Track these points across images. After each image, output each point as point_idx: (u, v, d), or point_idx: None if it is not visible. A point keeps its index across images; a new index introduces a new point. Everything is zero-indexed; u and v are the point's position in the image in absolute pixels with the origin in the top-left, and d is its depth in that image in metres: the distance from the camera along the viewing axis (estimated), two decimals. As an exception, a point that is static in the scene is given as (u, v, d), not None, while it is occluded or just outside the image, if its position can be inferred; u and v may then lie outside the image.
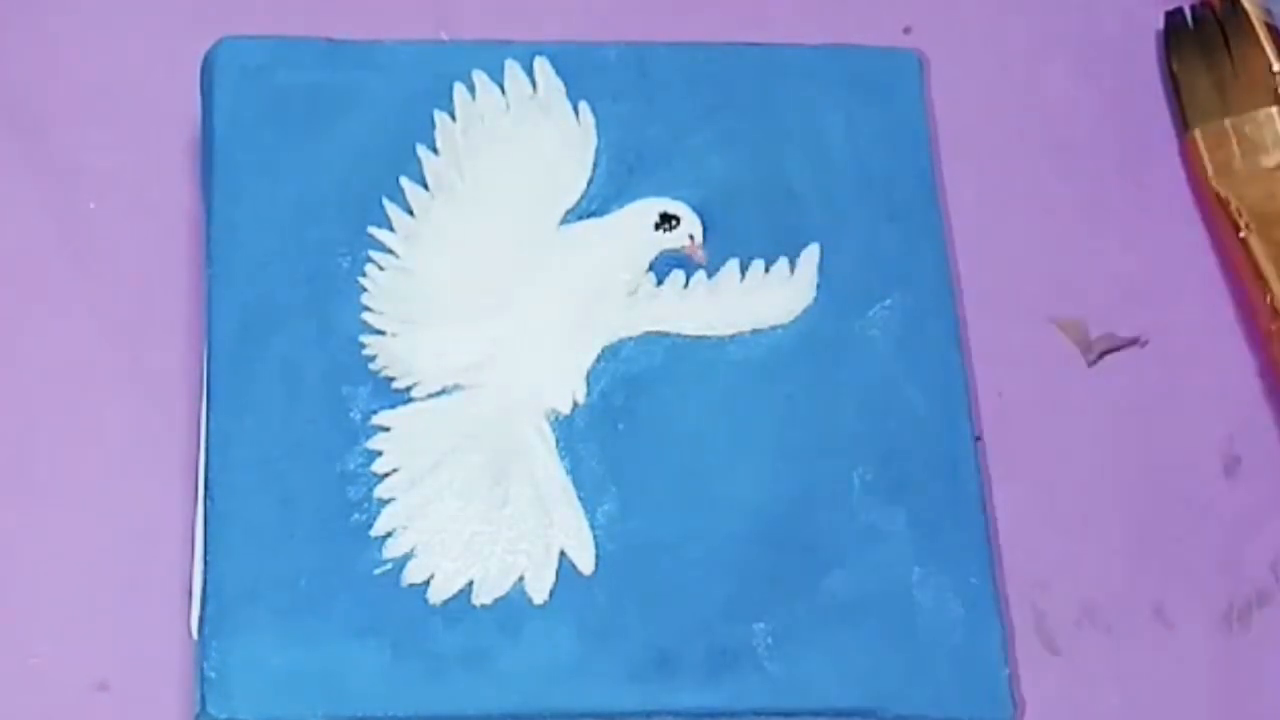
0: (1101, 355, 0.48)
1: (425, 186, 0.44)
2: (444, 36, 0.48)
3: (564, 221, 0.44)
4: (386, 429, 0.42)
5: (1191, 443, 0.47)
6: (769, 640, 0.40)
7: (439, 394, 0.42)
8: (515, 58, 0.46)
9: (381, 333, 0.43)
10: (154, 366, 0.45)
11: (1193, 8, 0.50)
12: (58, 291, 0.46)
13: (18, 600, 0.43)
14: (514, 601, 0.40)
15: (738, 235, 0.44)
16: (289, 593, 0.40)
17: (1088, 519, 0.46)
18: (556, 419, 0.42)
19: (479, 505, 0.41)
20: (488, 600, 0.40)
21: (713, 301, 0.44)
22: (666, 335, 0.43)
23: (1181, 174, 0.50)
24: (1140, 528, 0.46)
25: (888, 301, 0.44)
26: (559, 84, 0.45)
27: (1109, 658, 0.44)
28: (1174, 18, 0.50)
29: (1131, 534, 0.46)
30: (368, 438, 0.42)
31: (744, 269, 0.44)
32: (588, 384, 0.43)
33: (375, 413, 0.42)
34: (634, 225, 0.44)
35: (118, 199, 0.46)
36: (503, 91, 0.45)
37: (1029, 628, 0.44)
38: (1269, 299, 0.47)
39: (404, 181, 0.44)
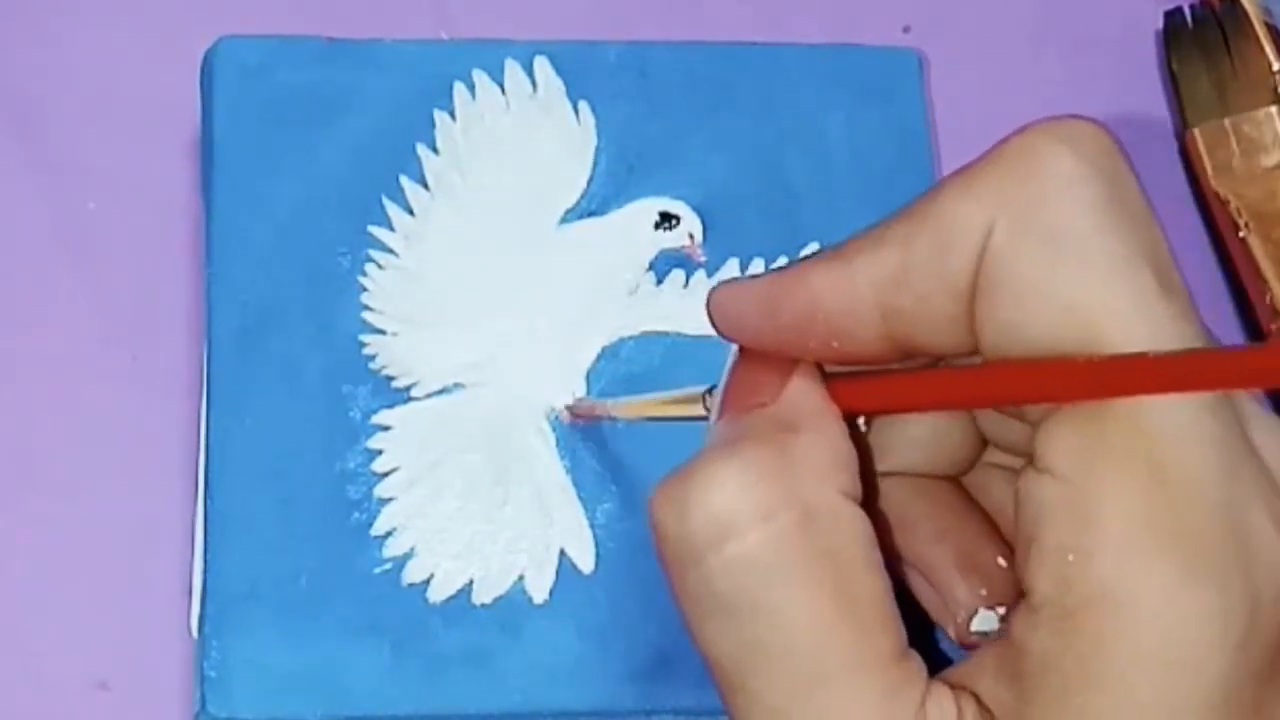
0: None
1: (425, 186, 0.44)
2: (444, 36, 0.49)
3: (564, 221, 0.44)
4: (386, 428, 0.42)
5: (1191, 442, 0.47)
6: (769, 640, 0.40)
7: (439, 393, 0.42)
8: (515, 57, 0.46)
9: (382, 332, 0.43)
10: (154, 366, 0.45)
11: (1193, 8, 0.50)
12: (58, 291, 0.46)
13: (18, 600, 0.43)
14: (514, 601, 0.40)
15: (738, 235, 0.44)
16: (289, 592, 0.40)
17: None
18: (556, 418, 0.42)
19: (479, 504, 0.41)
20: (488, 599, 0.40)
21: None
22: (666, 335, 0.43)
23: (1181, 174, 0.50)
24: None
25: (888, 301, 0.44)
26: (559, 84, 0.45)
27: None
28: (1174, 18, 0.50)
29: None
30: (368, 437, 0.42)
31: (744, 269, 0.44)
32: (588, 383, 0.43)
33: (375, 412, 0.42)
34: (634, 225, 0.44)
35: (118, 199, 0.46)
36: (503, 91, 0.45)
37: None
38: (1269, 298, 0.47)
39: (404, 181, 0.44)
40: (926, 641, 0.34)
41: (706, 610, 0.30)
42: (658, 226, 0.44)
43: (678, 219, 0.44)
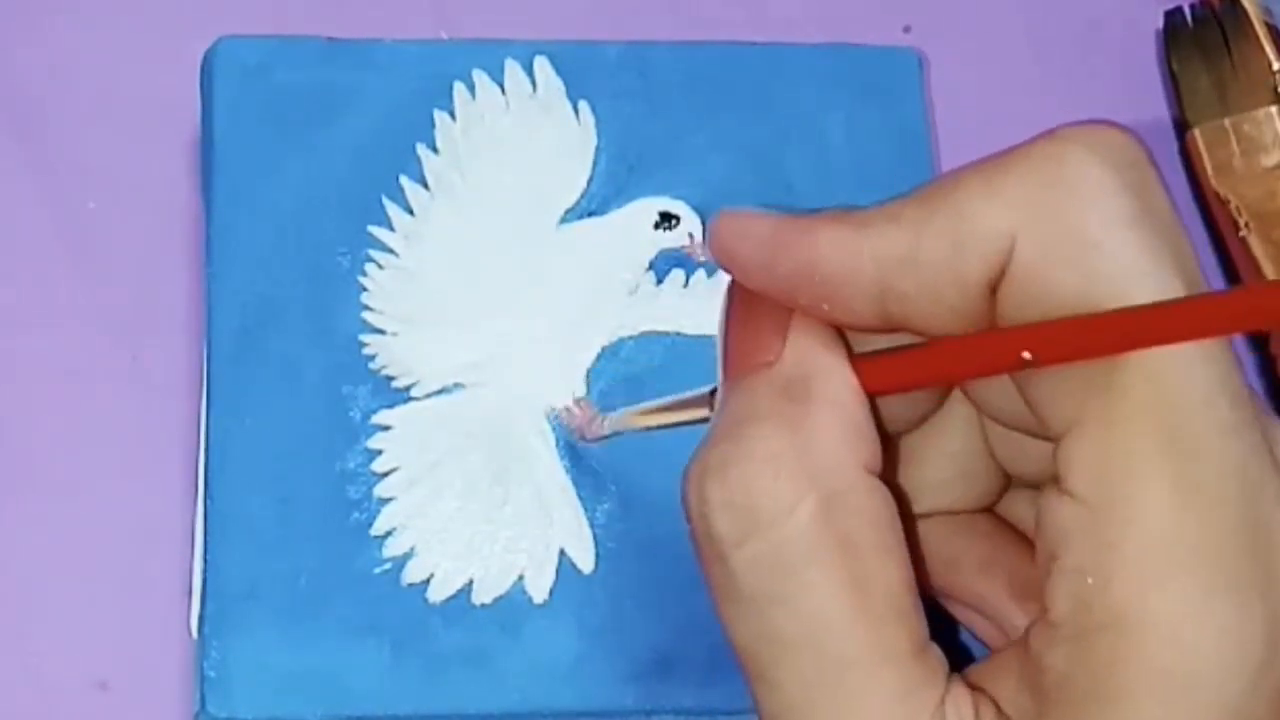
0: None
1: (425, 186, 0.44)
2: (444, 36, 0.49)
3: (564, 221, 0.44)
4: (386, 428, 0.42)
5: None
6: (769, 640, 0.40)
7: (439, 393, 0.42)
8: (515, 57, 0.45)
9: (381, 332, 0.43)
10: (154, 366, 0.45)
11: (1193, 7, 0.50)
12: (58, 291, 0.46)
13: (18, 600, 0.43)
14: (514, 600, 0.40)
15: (738, 235, 0.44)
16: (289, 592, 0.40)
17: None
18: (556, 418, 0.42)
19: (479, 504, 0.41)
20: (487, 599, 0.40)
21: (712, 301, 0.43)
22: (666, 335, 0.43)
23: (1181, 174, 0.50)
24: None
25: (888, 301, 0.44)
26: (559, 83, 0.45)
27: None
28: (1174, 17, 0.50)
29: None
30: (368, 437, 0.42)
31: (744, 268, 0.44)
32: (588, 383, 0.43)
33: (375, 412, 0.42)
34: (634, 224, 0.44)
35: (118, 199, 0.46)
36: (503, 91, 0.45)
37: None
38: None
39: (404, 181, 0.44)
40: (948, 634, 0.34)
41: (730, 600, 0.30)
42: (658, 226, 0.44)
43: (678, 219, 0.44)
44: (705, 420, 0.33)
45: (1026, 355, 0.28)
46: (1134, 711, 0.28)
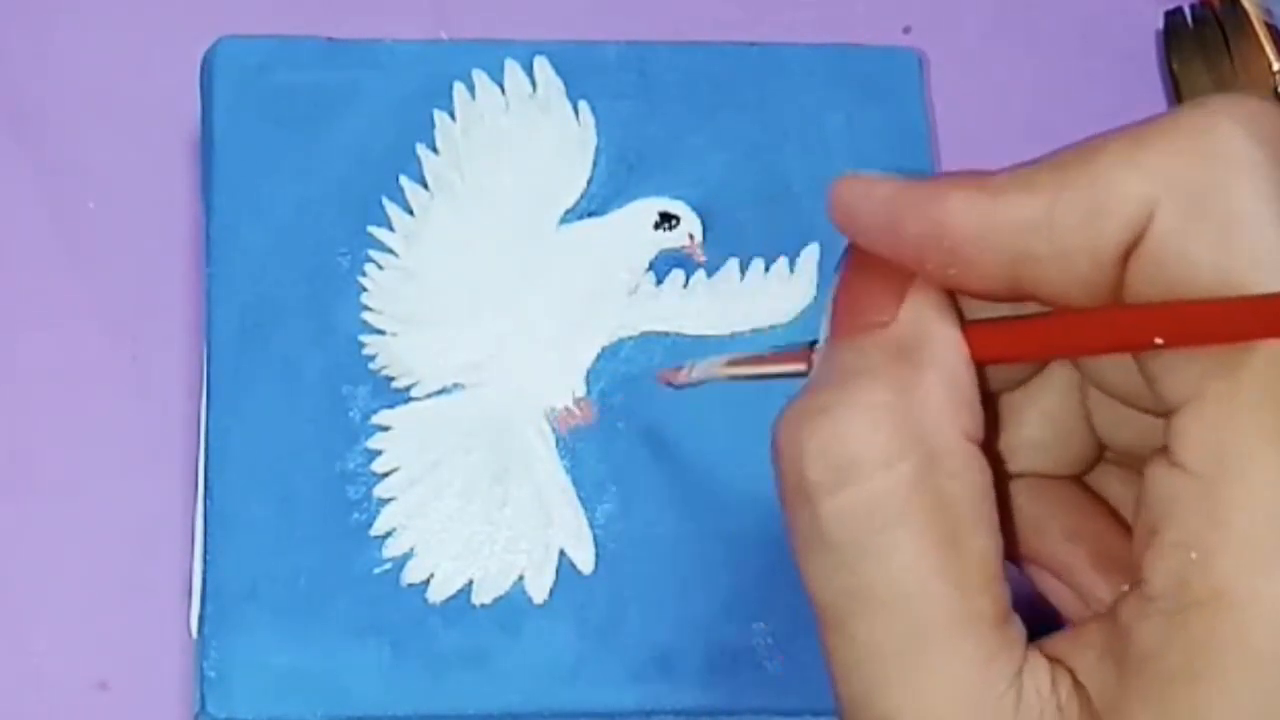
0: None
1: (425, 186, 0.44)
2: (444, 36, 0.49)
3: (563, 221, 0.44)
4: (386, 428, 0.42)
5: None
6: (769, 640, 0.41)
7: (439, 393, 0.42)
8: (515, 57, 0.45)
9: (381, 332, 0.43)
10: (154, 366, 0.45)
11: (1193, 7, 0.50)
12: (58, 291, 0.46)
13: (18, 600, 0.43)
14: (514, 601, 0.40)
15: (738, 235, 0.44)
16: (289, 592, 0.40)
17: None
18: (556, 418, 0.42)
19: (479, 504, 0.41)
20: (487, 599, 0.40)
21: (712, 301, 0.44)
22: (666, 335, 0.43)
23: (1181, 174, 0.50)
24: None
25: (887, 301, 0.44)
26: (559, 83, 0.45)
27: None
28: (1174, 17, 0.50)
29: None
30: (367, 437, 0.42)
31: (744, 268, 0.44)
32: (587, 383, 0.43)
33: (375, 412, 0.42)
34: (634, 225, 0.44)
35: (118, 199, 0.47)
36: (502, 91, 0.45)
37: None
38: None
39: (404, 181, 0.44)
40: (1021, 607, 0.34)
41: (814, 548, 0.30)
42: (658, 226, 0.44)
43: (678, 219, 0.44)
44: (800, 374, 0.33)
45: (1159, 340, 0.28)
46: (1225, 691, 0.27)
